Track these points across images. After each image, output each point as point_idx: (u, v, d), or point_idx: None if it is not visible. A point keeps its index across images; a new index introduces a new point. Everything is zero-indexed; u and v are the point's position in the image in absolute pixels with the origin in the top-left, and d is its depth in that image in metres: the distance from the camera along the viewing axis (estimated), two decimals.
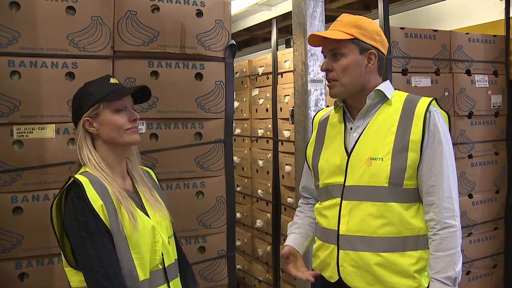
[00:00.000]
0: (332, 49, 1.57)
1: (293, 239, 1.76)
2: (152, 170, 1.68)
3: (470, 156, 2.94)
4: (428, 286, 1.51)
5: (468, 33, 2.95)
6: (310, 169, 1.76)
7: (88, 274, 1.35)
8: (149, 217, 1.48)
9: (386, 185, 1.51)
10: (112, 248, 1.36)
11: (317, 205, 1.72)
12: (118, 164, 1.51)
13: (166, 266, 1.50)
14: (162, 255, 1.48)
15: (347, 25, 1.56)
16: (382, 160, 1.51)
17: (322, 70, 1.63)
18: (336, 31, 1.56)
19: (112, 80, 1.51)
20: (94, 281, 1.34)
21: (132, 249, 1.40)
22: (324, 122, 1.74)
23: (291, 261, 1.68)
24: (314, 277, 1.62)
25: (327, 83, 1.63)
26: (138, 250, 1.41)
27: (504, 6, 3.11)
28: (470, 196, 2.95)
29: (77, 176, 1.39)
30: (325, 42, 1.59)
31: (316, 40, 1.60)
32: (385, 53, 1.62)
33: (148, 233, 1.45)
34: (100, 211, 1.36)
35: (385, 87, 1.59)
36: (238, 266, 3.99)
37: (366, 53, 1.56)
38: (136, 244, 1.41)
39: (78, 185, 1.37)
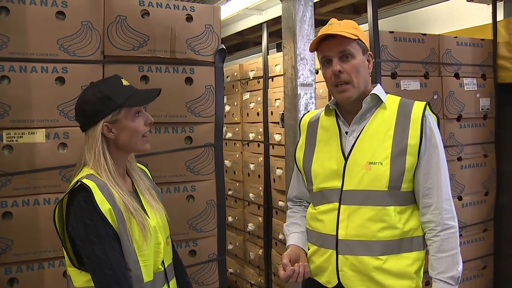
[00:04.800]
0: (342, 50, 1.53)
1: (297, 237, 1.70)
2: (146, 167, 1.68)
3: (459, 159, 2.97)
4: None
5: (456, 37, 2.98)
6: (301, 172, 1.73)
7: (98, 277, 1.35)
8: (149, 218, 1.48)
9: (386, 189, 1.51)
10: (120, 251, 1.37)
11: (310, 209, 1.70)
12: (123, 167, 1.51)
13: (166, 267, 1.51)
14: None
15: (347, 27, 1.55)
16: (382, 164, 1.51)
17: (335, 73, 1.53)
18: (343, 32, 1.52)
19: (125, 82, 1.48)
20: (104, 283, 1.34)
21: (138, 252, 1.41)
22: (313, 125, 1.71)
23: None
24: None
25: (335, 88, 1.56)
26: (143, 252, 1.42)
27: (491, 11, 3.14)
28: (460, 198, 2.98)
29: (85, 180, 1.37)
30: (332, 44, 1.54)
31: (315, 45, 1.57)
32: None
33: (152, 235, 1.46)
34: (108, 215, 1.36)
35: (379, 91, 1.60)
36: (230, 270, 3.98)
37: (366, 54, 1.58)
38: (141, 247, 1.42)
39: (86, 189, 1.36)
